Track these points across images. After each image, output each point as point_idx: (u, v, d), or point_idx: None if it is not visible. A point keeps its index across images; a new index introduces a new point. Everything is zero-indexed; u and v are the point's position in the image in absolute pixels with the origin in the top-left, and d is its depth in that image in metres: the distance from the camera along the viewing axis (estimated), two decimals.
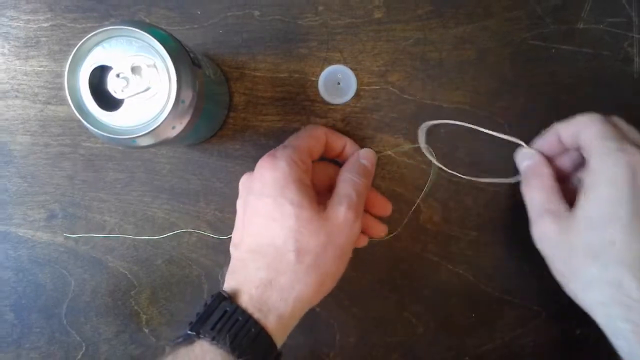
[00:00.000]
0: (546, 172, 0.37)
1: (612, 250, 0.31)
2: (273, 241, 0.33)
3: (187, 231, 0.42)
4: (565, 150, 0.38)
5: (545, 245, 0.35)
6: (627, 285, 0.30)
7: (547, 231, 0.34)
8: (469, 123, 0.40)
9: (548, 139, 0.38)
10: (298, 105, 0.41)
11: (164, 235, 0.42)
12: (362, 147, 0.41)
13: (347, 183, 0.36)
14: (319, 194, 0.36)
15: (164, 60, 0.29)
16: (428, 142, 0.40)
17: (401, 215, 0.41)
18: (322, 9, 0.40)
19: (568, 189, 0.36)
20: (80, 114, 0.30)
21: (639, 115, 0.40)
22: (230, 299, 0.32)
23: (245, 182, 0.37)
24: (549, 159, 0.38)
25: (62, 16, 0.41)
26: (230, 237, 0.42)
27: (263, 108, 0.41)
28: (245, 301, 0.32)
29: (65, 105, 0.41)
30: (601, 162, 0.32)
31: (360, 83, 0.40)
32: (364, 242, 0.39)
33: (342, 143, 0.39)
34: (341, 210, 0.34)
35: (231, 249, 0.36)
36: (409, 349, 0.42)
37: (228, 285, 0.34)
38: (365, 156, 0.39)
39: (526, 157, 0.38)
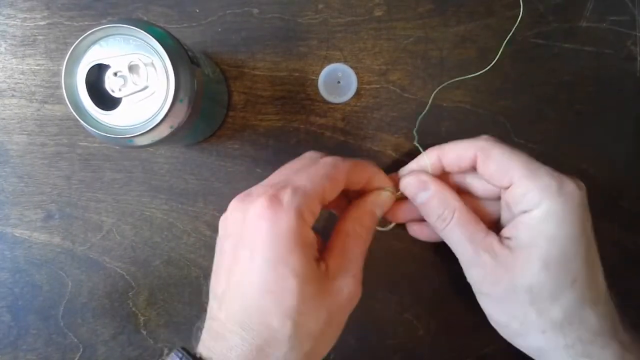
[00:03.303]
0: (454, 202, 0.33)
1: (574, 289, 0.29)
2: (267, 320, 0.27)
3: (185, 231, 0.41)
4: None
5: (485, 288, 0.32)
6: (588, 320, 0.29)
7: (486, 273, 0.31)
8: (470, 122, 0.40)
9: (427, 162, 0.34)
10: (298, 104, 0.40)
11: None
12: (361, 146, 0.40)
13: (355, 240, 0.31)
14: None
15: (162, 59, 0.29)
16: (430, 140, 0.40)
17: None
18: (322, 7, 0.40)
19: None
20: (77, 113, 0.29)
21: None
22: None
23: (230, 224, 0.29)
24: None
25: (59, 14, 0.41)
26: None
27: (262, 107, 0.41)
28: None
29: (62, 105, 0.41)
30: (551, 203, 0.29)
31: (360, 82, 0.40)
32: None
33: (364, 178, 0.33)
34: (348, 284, 0.29)
35: (211, 299, 0.30)
36: (410, 350, 0.41)
37: (203, 351, 0.28)
38: (379, 203, 0.33)
39: (419, 189, 0.34)
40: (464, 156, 0.33)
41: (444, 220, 0.33)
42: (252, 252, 0.27)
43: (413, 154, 0.40)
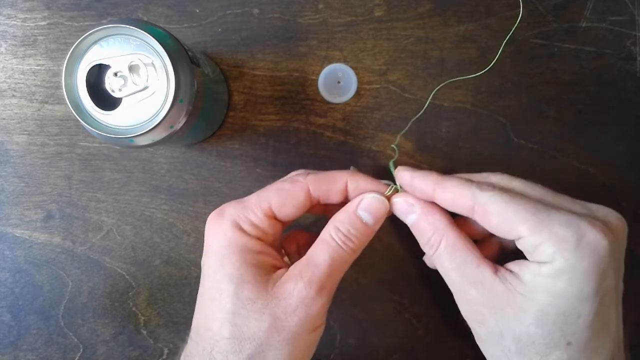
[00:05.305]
0: (443, 227, 0.30)
1: (567, 351, 0.27)
2: (209, 324, 0.28)
3: (185, 231, 0.41)
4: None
5: (471, 324, 0.30)
6: None
7: (472, 310, 0.29)
8: (470, 122, 0.40)
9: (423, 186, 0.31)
10: (298, 104, 0.40)
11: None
12: (361, 146, 0.40)
13: (324, 246, 0.29)
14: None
15: (162, 59, 0.29)
16: (429, 141, 0.40)
17: None
18: (322, 7, 0.40)
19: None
20: (77, 113, 0.29)
21: None
22: None
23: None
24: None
25: (60, 14, 0.41)
26: None
27: (262, 107, 0.41)
28: None
29: (63, 105, 0.41)
30: (566, 259, 0.26)
31: (360, 82, 0.40)
32: None
33: (338, 185, 0.31)
34: (297, 287, 0.28)
35: None
36: (409, 350, 0.41)
37: None
38: (367, 207, 0.30)
39: (407, 211, 0.31)
40: (460, 203, 0.29)
41: (432, 247, 0.30)
42: (203, 264, 0.30)
43: (413, 154, 0.40)
